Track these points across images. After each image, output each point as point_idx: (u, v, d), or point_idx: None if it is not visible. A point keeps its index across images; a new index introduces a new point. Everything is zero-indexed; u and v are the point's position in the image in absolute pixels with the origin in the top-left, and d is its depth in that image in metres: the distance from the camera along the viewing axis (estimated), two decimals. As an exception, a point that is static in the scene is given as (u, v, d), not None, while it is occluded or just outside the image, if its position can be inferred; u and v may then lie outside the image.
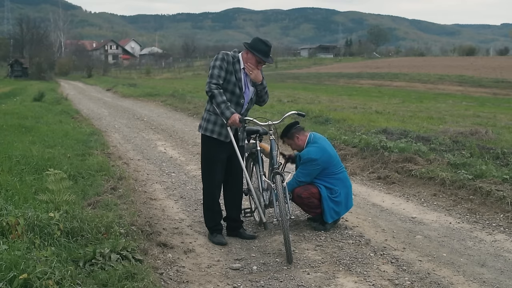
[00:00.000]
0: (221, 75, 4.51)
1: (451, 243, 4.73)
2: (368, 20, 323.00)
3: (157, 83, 39.57)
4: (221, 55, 4.59)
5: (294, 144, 5.11)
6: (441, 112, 15.95)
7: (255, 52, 4.53)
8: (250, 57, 4.59)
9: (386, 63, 62.55)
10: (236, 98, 4.59)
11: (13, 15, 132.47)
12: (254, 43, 4.59)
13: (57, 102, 20.06)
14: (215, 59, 4.59)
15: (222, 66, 4.53)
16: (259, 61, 4.58)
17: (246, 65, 4.60)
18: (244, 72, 4.63)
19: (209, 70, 4.59)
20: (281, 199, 4.20)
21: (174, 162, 8.48)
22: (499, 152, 7.46)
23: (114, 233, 4.08)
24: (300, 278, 3.91)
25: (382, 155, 7.76)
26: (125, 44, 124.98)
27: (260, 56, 4.53)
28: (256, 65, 4.60)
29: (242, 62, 4.63)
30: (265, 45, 4.55)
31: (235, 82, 4.57)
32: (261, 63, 4.61)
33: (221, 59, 4.55)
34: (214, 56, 4.68)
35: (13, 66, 60.14)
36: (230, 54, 4.62)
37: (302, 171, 4.97)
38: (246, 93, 4.66)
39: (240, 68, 4.62)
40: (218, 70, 4.51)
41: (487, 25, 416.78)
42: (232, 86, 4.56)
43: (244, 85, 4.63)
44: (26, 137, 9.16)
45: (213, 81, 4.50)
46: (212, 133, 4.63)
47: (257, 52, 4.53)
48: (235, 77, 4.57)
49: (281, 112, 12.86)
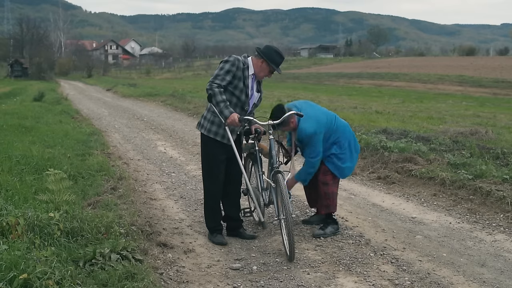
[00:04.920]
0: (227, 78, 4.49)
1: (451, 243, 4.73)
2: (368, 20, 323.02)
3: (157, 83, 39.57)
4: (232, 58, 4.57)
5: (289, 128, 4.85)
6: (441, 112, 15.96)
7: (271, 63, 4.56)
8: (264, 66, 4.59)
9: (386, 63, 62.57)
10: (241, 103, 4.60)
11: (13, 15, 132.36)
12: (270, 54, 4.57)
13: (57, 102, 20.06)
14: (225, 61, 4.58)
15: (231, 70, 4.51)
16: (271, 70, 4.62)
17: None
18: (252, 78, 4.63)
19: (216, 70, 4.58)
20: (285, 196, 4.20)
21: (174, 162, 8.48)
22: (499, 152, 7.46)
23: (114, 233, 4.08)
24: (300, 278, 3.91)
25: (382, 155, 7.76)
26: (125, 44, 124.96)
27: (275, 68, 4.58)
28: (268, 74, 4.65)
29: (251, 68, 4.62)
30: (280, 56, 4.60)
31: (242, 88, 4.56)
32: (272, 72, 4.66)
33: (231, 63, 4.53)
34: (225, 58, 4.67)
35: (13, 66, 60.08)
36: (241, 60, 4.59)
37: (309, 150, 4.79)
38: (252, 99, 4.68)
39: (249, 74, 4.60)
40: (224, 73, 4.50)
41: (487, 25, 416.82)
42: (239, 92, 4.56)
43: (251, 91, 4.65)
44: (26, 137, 9.16)
45: (216, 81, 4.49)
46: (215, 136, 4.61)
47: (273, 64, 4.56)
48: (243, 83, 4.56)
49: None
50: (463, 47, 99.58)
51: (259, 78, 4.69)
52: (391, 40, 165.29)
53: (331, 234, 4.85)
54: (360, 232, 5.00)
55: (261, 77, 4.68)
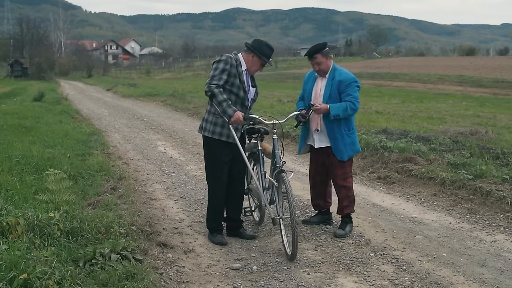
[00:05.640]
0: (223, 77, 4.51)
1: (451, 243, 4.73)
2: (368, 20, 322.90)
3: (157, 83, 39.56)
4: (224, 57, 4.59)
5: (324, 64, 4.80)
6: (441, 112, 15.96)
7: (262, 56, 4.59)
8: (255, 60, 4.63)
9: (386, 63, 62.55)
10: (241, 100, 4.62)
11: (13, 15, 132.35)
12: (260, 47, 4.61)
13: (57, 102, 20.06)
14: (217, 61, 4.59)
15: (225, 69, 4.52)
16: (262, 63, 4.65)
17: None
18: (246, 74, 4.65)
19: (211, 72, 4.58)
20: (290, 195, 4.20)
21: (174, 162, 8.48)
22: (499, 152, 7.46)
23: (114, 233, 4.08)
24: (300, 278, 3.91)
25: (382, 155, 7.76)
26: (125, 44, 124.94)
27: (266, 60, 4.61)
28: (260, 67, 4.68)
29: (243, 64, 4.64)
30: (270, 49, 4.64)
31: (239, 85, 4.58)
32: (264, 65, 4.68)
33: (224, 61, 4.55)
34: (217, 58, 4.67)
35: (13, 66, 60.07)
36: (232, 57, 4.62)
37: (355, 94, 4.75)
38: (249, 95, 4.70)
39: (243, 70, 4.63)
40: (220, 73, 4.51)
41: (487, 25, 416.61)
42: (236, 89, 4.58)
43: (247, 87, 4.67)
44: (26, 137, 9.16)
45: (214, 81, 4.49)
46: (220, 136, 4.60)
47: (264, 56, 4.60)
48: (239, 80, 4.58)
49: (281, 112, 12.86)
50: (463, 47, 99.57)
51: (251, 73, 4.72)
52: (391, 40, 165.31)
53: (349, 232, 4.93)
54: (360, 232, 5.01)
55: (254, 71, 4.71)
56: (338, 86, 4.77)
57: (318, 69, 4.86)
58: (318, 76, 4.94)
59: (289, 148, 8.94)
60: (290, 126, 10.41)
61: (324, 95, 4.83)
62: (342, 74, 4.82)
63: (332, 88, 4.79)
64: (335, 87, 4.78)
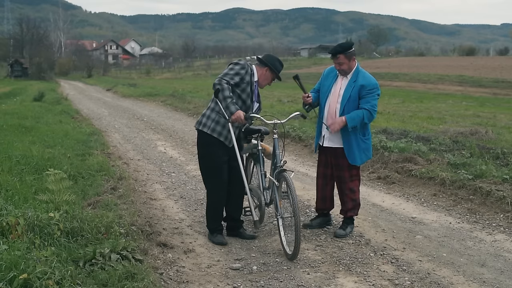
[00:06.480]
0: (235, 79, 4.57)
1: (451, 243, 4.73)
2: (368, 20, 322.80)
3: (157, 83, 39.57)
4: (242, 62, 4.72)
5: (346, 65, 4.72)
6: (441, 112, 15.96)
7: (276, 72, 4.73)
8: (268, 74, 4.75)
9: (386, 63, 62.51)
10: (246, 108, 4.67)
11: (13, 15, 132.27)
12: (273, 62, 4.72)
13: (57, 102, 20.05)
14: (235, 63, 4.68)
15: (240, 73, 4.60)
16: (273, 78, 4.79)
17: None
18: (255, 86, 4.74)
19: (225, 70, 4.66)
20: (294, 195, 4.21)
21: (174, 162, 8.48)
22: (499, 152, 7.47)
23: (114, 233, 4.08)
24: (300, 278, 3.92)
25: (382, 155, 7.76)
26: (125, 44, 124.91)
27: (277, 75, 4.75)
28: (270, 82, 4.82)
29: (256, 76, 4.73)
30: (281, 65, 4.78)
31: (249, 93, 4.66)
32: (274, 80, 4.83)
33: (241, 66, 4.64)
34: (234, 60, 4.81)
35: (13, 66, 60.05)
36: (249, 65, 4.72)
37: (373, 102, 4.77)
38: (254, 106, 4.78)
39: (254, 81, 4.71)
40: (234, 74, 4.59)
41: (487, 25, 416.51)
42: (245, 96, 4.65)
43: (255, 97, 4.76)
44: (26, 137, 9.16)
45: (226, 78, 4.56)
46: (219, 136, 4.60)
47: (277, 71, 4.74)
48: (250, 89, 4.66)
49: (281, 112, 12.86)
50: (463, 47, 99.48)
51: (261, 86, 4.82)
52: (391, 40, 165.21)
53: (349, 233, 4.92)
54: (360, 232, 5.01)
55: (264, 85, 4.82)
56: (360, 90, 4.73)
57: (339, 68, 4.81)
58: (339, 75, 4.88)
59: (289, 148, 8.95)
60: (291, 126, 10.41)
61: (343, 95, 4.77)
62: (365, 78, 4.76)
63: (353, 90, 4.74)
64: (356, 90, 4.73)
